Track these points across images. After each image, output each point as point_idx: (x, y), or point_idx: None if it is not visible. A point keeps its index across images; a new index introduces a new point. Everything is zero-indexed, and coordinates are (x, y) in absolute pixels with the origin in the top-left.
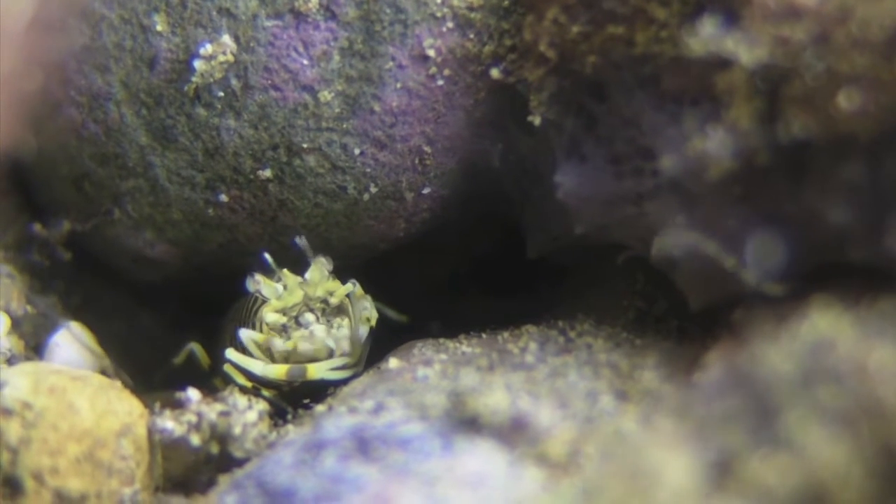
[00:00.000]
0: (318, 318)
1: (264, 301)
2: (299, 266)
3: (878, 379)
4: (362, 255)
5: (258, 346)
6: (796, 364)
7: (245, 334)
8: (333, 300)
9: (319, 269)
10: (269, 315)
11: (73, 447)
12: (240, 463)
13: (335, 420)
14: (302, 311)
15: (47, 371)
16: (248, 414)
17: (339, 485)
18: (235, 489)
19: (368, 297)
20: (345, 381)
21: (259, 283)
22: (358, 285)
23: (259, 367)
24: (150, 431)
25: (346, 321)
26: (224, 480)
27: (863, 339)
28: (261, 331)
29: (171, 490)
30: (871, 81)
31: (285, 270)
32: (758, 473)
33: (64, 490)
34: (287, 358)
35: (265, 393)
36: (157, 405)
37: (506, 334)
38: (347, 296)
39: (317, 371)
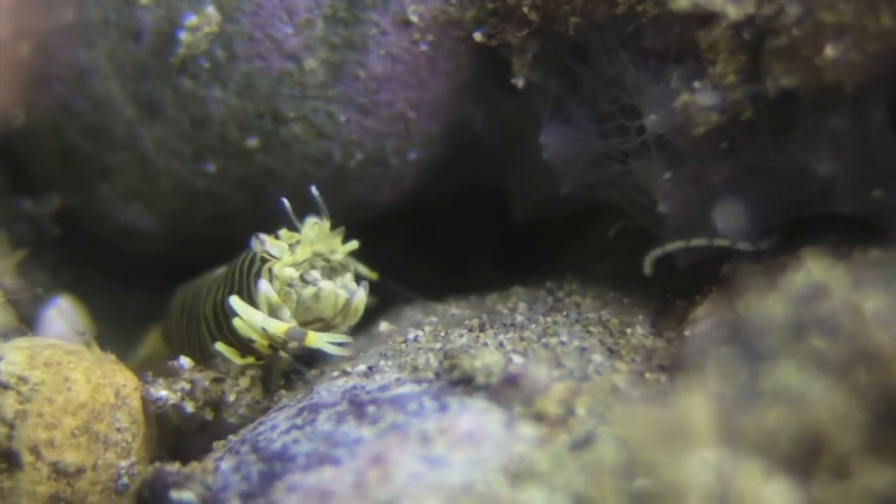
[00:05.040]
0: (322, 276)
1: (263, 262)
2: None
3: (874, 325)
4: (349, 221)
5: (270, 305)
6: (791, 311)
7: (264, 287)
8: (336, 257)
9: (318, 225)
10: (285, 270)
11: (69, 420)
12: (234, 429)
13: (328, 384)
14: (307, 269)
15: (42, 345)
16: (241, 380)
17: (335, 448)
18: (231, 454)
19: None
20: None
21: (265, 242)
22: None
23: (260, 318)
24: (145, 402)
25: (349, 278)
26: (219, 446)
27: (857, 286)
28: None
29: (166, 457)
30: (857, 31)
31: (283, 230)
32: (757, 422)
33: (61, 463)
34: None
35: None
36: (150, 374)
37: (494, 296)
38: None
39: (316, 339)
